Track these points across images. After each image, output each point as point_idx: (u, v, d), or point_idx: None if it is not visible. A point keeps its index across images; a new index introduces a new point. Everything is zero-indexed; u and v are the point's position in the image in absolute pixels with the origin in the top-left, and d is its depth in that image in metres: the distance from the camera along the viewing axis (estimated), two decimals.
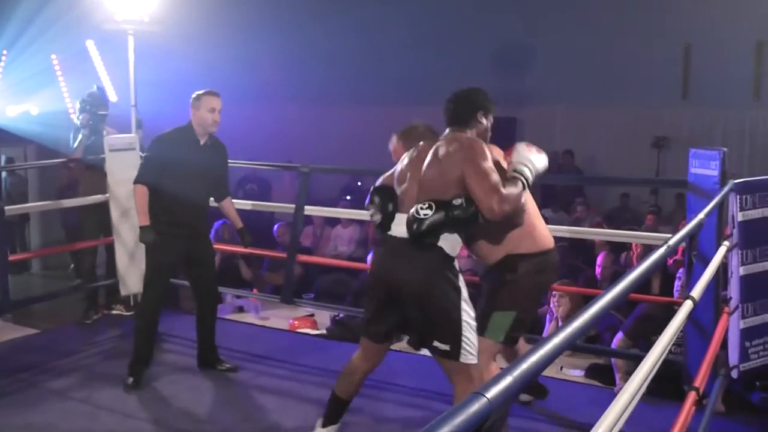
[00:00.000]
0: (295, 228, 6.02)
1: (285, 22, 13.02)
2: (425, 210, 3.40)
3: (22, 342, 6.07)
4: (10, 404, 4.75)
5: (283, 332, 6.18)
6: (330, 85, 13.56)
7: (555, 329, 5.84)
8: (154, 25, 6.68)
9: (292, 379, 5.18)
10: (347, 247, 9.64)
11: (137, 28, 6.58)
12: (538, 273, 3.77)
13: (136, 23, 6.55)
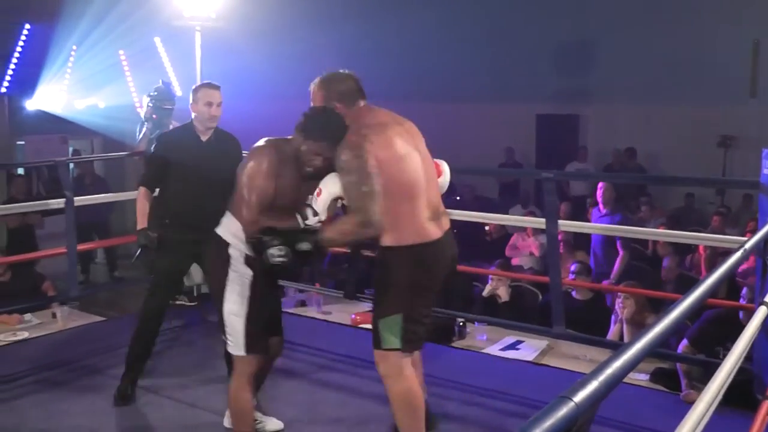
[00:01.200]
0: None
1: (350, 17, 13.04)
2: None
3: (88, 329, 6.19)
4: (76, 389, 4.86)
5: (344, 327, 6.19)
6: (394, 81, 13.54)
7: (620, 331, 5.80)
8: (220, 21, 6.76)
9: (354, 374, 5.19)
10: None
11: (204, 24, 6.67)
12: (406, 266, 3.50)
13: (203, 19, 6.64)
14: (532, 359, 5.48)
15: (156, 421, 4.55)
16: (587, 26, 13.13)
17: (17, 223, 9.99)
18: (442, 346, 5.72)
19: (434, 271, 3.58)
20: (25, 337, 6.02)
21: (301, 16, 12.65)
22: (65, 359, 4.84)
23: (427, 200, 3.55)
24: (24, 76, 12.25)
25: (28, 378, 4.99)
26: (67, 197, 5.92)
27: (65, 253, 6.07)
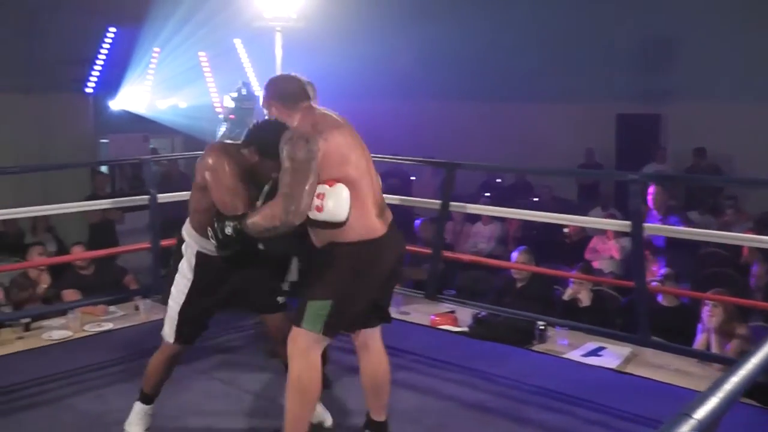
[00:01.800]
0: (440, 224, 6.01)
1: (428, 18, 13.01)
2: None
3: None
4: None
5: (424, 328, 6.17)
6: (474, 81, 13.50)
7: (706, 340, 5.64)
8: (301, 21, 6.80)
9: (432, 375, 5.17)
10: (487, 245, 9.59)
11: (284, 24, 6.71)
12: (353, 260, 3.61)
13: (283, 20, 6.69)
14: (615, 367, 5.34)
15: (233, 415, 4.59)
16: (671, 23, 12.84)
17: (98, 218, 10.20)
18: (521, 349, 5.68)
19: (377, 267, 3.68)
20: (110, 328, 6.19)
21: (381, 16, 12.67)
22: (148, 350, 4.88)
23: (373, 198, 3.67)
24: (109, 77, 12.58)
25: (113, 368, 5.09)
26: (151, 194, 6.02)
27: (149, 249, 6.18)
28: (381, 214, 3.70)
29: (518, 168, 10.06)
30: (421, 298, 6.16)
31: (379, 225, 3.66)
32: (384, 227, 3.68)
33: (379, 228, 3.66)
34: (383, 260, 3.69)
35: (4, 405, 4.72)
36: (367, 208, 3.63)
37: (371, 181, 3.70)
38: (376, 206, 3.68)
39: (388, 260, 3.72)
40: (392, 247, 3.73)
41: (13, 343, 5.89)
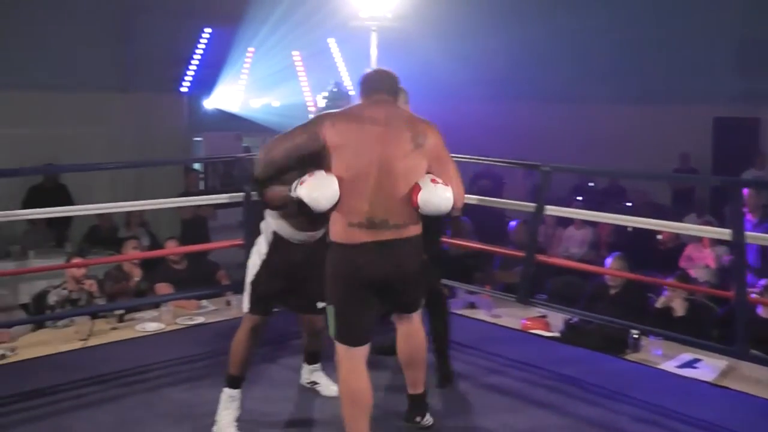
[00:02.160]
0: (534, 227, 5.93)
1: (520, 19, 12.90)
2: None
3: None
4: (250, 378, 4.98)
5: (515, 331, 6.10)
6: (568, 82, 13.33)
7: None
8: (396, 21, 6.80)
9: (524, 380, 5.11)
10: (579, 249, 9.45)
11: (380, 24, 6.72)
12: (332, 263, 3.75)
13: (379, 20, 6.69)
14: (711, 380, 5.16)
15: (326, 412, 4.60)
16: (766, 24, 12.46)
17: (191, 214, 10.38)
18: (615, 357, 5.56)
19: (356, 270, 3.67)
20: (201, 322, 6.31)
21: (474, 17, 12.60)
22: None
23: (364, 209, 3.63)
24: (203, 76, 12.82)
25: (204, 360, 5.17)
26: (245, 191, 6.09)
27: (241, 245, 6.26)
28: (370, 225, 3.64)
29: (614, 171, 9.88)
30: (512, 301, 6.08)
31: (359, 233, 3.64)
32: (369, 236, 3.64)
33: (357, 236, 3.64)
34: (358, 263, 3.67)
35: (101, 393, 4.85)
36: (351, 212, 3.64)
37: (370, 189, 3.64)
38: (363, 216, 3.63)
39: (370, 266, 3.67)
40: (376, 260, 3.67)
41: (107, 333, 6.05)
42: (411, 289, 3.93)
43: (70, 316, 6.35)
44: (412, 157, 3.69)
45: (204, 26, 12.78)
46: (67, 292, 6.60)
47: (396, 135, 3.68)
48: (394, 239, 3.66)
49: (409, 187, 3.68)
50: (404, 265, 3.75)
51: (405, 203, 3.69)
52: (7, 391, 4.78)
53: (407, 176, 3.69)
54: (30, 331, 6.19)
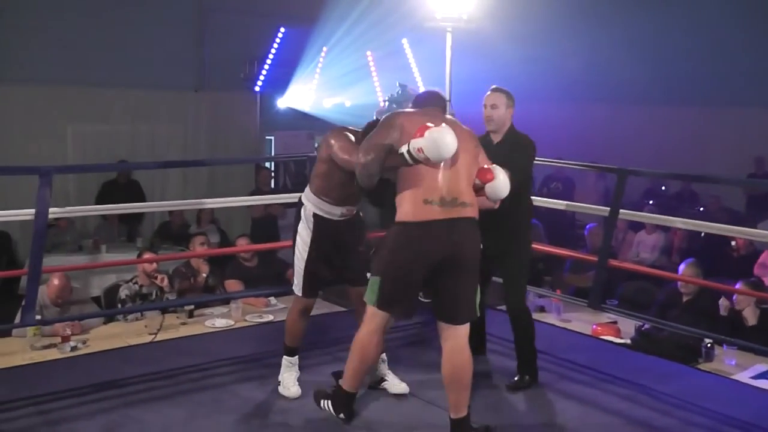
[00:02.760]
0: (608, 231, 5.84)
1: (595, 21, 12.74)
2: None
3: (330, 318, 6.35)
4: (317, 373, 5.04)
5: (585, 337, 6.02)
6: (638, 85, 13.11)
7: None
8: (471, 22, 6.76)
9: (595, 386, 5.02)
10: (650, 255, 9.30)
11: (455, 25, 6.70)
12: (396, 240, 3.97)
13: (454, 21, 6.67)
14: None
15: (393, 413, 4.59)
16: None
17: (261, 213, 10.47)
18: (687, 366, 5.46)
19: (420, 249, 3.91)
20: (270, 320, 6.38)
21: (550, 18, 12.48)
22: (307, 344, 5.00)
23: (437, 186, 3.89)
24: (277, 76, 12.94)
25: (273, 358, 5.16)
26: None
27: None
28: (444, 203, 3.90)
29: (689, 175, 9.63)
30: (583, 306, 6.00)
31: (430, 210, 3.88)
32: (441, 214, 3.88)
33: (430, 213, 3.88)
34: (424, 243, 3.90)
35: (171, 387, 4.91)
36: (421, 192, 3.89)
37: (443, 172, 3.90)
38: (438, 194, 3.89)
39: (433, 245, 3.90)
40: (441, 234, 3.89)
41: (177, 328, 6.15)
42: (465, 280, 4.02)
43: (142, 310, 6.47)
44: (473, 153, 4.10)
45: (279, 26, 12.89)
46: (138, 286, 6.72)
47: (460, 131, 3.98)
48: (461, 217, 3.92)
49: (472, 177, 4.05)
50: (464, 243, 3.95)
51: (470, 187, 4.03)
52: (79, 382, 4.88)
53: (471, 168, 4.05)
54: (101, 323, 6.32)
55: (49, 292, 6.27)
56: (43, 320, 5.78)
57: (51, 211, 5.11)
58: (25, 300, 5.21)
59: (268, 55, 12.84)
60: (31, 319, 5.22)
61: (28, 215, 5.09)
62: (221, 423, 4.42)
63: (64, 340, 5.66)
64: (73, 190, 11.58)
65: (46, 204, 4.94)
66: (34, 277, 5.08)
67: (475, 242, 4.01)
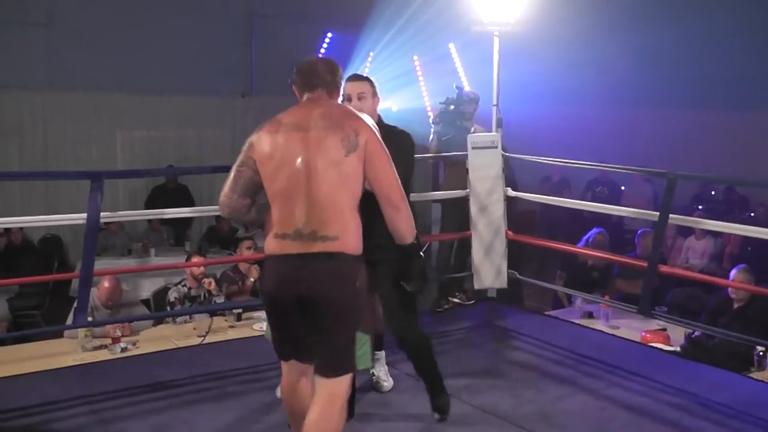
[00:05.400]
0: (658, 237, 5.76)
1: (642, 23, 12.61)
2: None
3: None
4: None
5: (633, 344, 5.94)
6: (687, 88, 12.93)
7: None
8: (518, 26, 6.73)
9: (645, 395, 4.94)
10: (699, 261, 9.18)
11: (502, 29, 6.67)
12: (261, 278, 3.61)
13: (502, 25, 6.65)
14: None
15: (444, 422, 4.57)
16: None
17: None
18: (738, 375, 5.36)
19: (273, 288, 3.38)
20: None
21: (596, 21, 12.37)
22: None
23: (294, 217, 3.28)
24: None
25: None
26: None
27: None
28: (300, 234, 3.27)
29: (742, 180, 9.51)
30: (632, 312, 5.93)
31: (279, 244, 3.32)
32: (288, 248, 3.29)
33: (278, 246, 3.33)
34: (276, 280, 3.36)
35: (220, 389, 4.95)
36: (278, 224, 3.33)
37: (297, 197, 3.28)
38: (294, 225, 3.27)
39: (283, 282, 3.32)
40: (292, 272, 3.29)
41: (225, 331, 6.21)
42: (329, 326, 3.30)
43: (191, 312, 6.53)
44: (347, 163, 3.29)
45: (326, 31, 12.95)
46: (187, 289, 6.79)
47: (322, 139, 3.30)
48: (319, 252, 3.26)
49: (350, 196, 3.31)
50: (319, 283, 3.27)
51: (341, 213, 3.29)
52: (129, 383, 4.93)
53: (344, 184, 3.29)
54: (151, 326, 6.39)
55: (99, 295, 6.35)
56: (95, 322, 5.86)
57: (102, 215, 5.18)
58: (76, 302, 5.29)
59: None
60: (82, 320, 5.29)
61: (79, 219, 5.16)
62: (269, 426, 4.44)
63: (115, 342, 5.74)
64: (122, 195, 11.76)
65: (97, 208, 5.00)
66: (85, 279, 5.15)
67: (337, 281, 3.27)
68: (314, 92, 3.50)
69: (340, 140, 3.29)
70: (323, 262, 3.26)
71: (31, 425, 4.43)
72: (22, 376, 5.08)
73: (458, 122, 6.91)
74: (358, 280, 3.33)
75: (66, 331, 5.97)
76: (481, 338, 6.07)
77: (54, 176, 10.56)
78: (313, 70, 3.54)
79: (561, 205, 7.51)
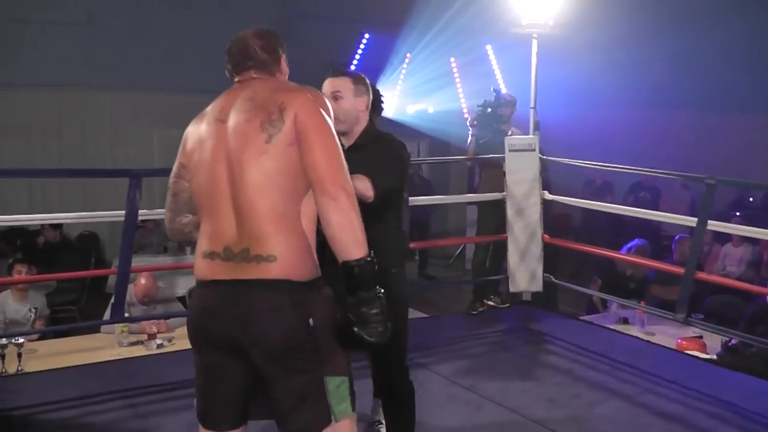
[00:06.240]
0: (695, 242, 5.71)
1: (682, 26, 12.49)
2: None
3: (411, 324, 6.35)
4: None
5: (669, 351, 5.88)
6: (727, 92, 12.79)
7: None
8: (557, 28, 6.71)
9: (680, 402, 4.89)
10: (737, 268, 9.07)
11: (541, 31, 6.66)
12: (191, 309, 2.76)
13: (540, 27, 6.63)
14: None
15: (476, 420, 4.57)
16: None
17: None
18: None
19: (197, 325, 2.60)
20: None
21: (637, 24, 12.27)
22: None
23: (221, 230, 2.52)
24: None
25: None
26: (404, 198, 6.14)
27: None
28: (229, 253, 2.50)
29: None
30: (667, 319, 5.87)
31: (210, 266, 2.55)
32: (224, 271, 2.50)
33: (211, 269, 2.54)
34: (202, 315, 2.59)
35: None
36: (204, 240, 2.58)
37: (228, 205, 2.51)
38: (222, 240, 2.51)
39: (210, 318, 2.54)
40: (222, 305, 2.50)
41: None
42: (278, 376, 2.48)
43: None
44: (271, 153, 2.47)
45: (363, 32, 12.98)
46: None
47: (240, 128, 2.54)
48: (255, 279, 2.46)
49: (286, 197, 2.49)
50: (257, 320, 2.46)
51: (279, 223, 2.48)
52: (166, 379, 4.98)
53: (272, 181, 2.48)
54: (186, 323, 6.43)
55: (136, 291, 6.42)
56: (131, 317, 5.91)
57: (139, 213, 5.22)
58: (113, 298, 5.35)
59: (352, 61, 12.92)
60: (119, 316, 5.35)
61: (118, 216, 5.22)
62: None
63: (151, 338, 5.80)
64: (159, 193, 11.84)
65: (135, 206, 5.05)
66: (123, 276, 5.21)
67: (277, 319, 2.44)
68: (247, 73, 2.76)
69: (260, 124, 2.50)
70: (259, 292, 2.45)
71: (69, 418, 4.49)
72: (60, 370, 5.15)
73: (495, 125, 6.90)
74: (311, 316, 2.47)
75: (103, 327, 6.03)
76: (515, 341, 6.06)
77: (93, 174, 10.65)
78: (243, 49, 2.80)
79: (598, 209, 7.48)
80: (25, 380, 4.94)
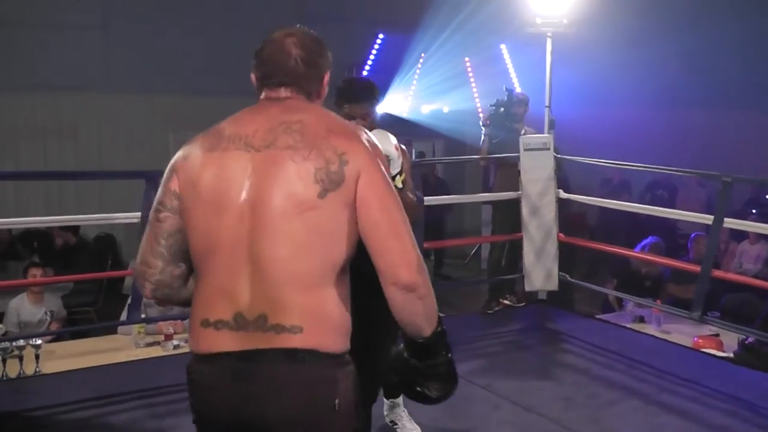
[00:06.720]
0: (712, 240, 5.69)
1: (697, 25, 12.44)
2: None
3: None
4: None
5: (685, 349, 5.86)
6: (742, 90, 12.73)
7: None
8: (571, 27, 6.70)
9: (696, 401, 4.90)
10: (753, 266, 9.03)
11: (555, 30, 6.65)
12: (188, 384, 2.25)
13: (555, 26, 6.63)
14: None
15: (492, 419, 4.58)
16: None
17: None
18: None
19: (198, 410, 2.22)
20: None
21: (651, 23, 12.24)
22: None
23: (230, 293, 2.04)
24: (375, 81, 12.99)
25: None
26: (417, 197, 6.14)
27: None
28: (240, 321, 2.03)
29: None
30: (683, 317, 5.86)
31: (213, 337, 2.07)
32: (231, 342, 2.04)
33: (215, 341, 2.07)
34: (201, 393, 2.18)
35: None
36: (207, 303, 2.08)
37: (246, 262, 2.02)
38: (232, 306, 2.04)
39: (212, 398, 2.14)
40: (226, 382, 2.08)
41: None
42: None
43: None
44: (323, 208, 2.01)
45: (378, 32, 13.00)
46: None
47: (282, 164, 2.03)
48: (271, 349, 2.01)
49: (325, 264, 2.03)
50: (270, 400, 2.03)
51: (309, 291, 2.02)
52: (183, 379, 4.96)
53: (315, 243, 2.02)
54: None
55: None
56: (148, 318, 5.94)
57: None
58: (130, 298, 5.37)
59: (366, 61, 12.95)
60: (136, 316, 5.37)
61: (134, 218, 5.25)
62: None
63: (167, 339, 5.81)
64: None
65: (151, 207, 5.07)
66: None
67: (303, 396, 2.03)
68: (278, 90, 2.23)
69: (314, 169, 2.02)
70: (280, 365, 2.02)
71: (86, 419, 4.53)
72: (78, 370, 5.17)
73: (508, 124, 6.91)
74: (337, 396, 2.05)
75: (120, 328, 6.05)
76: (531, 340, 6.07)
77: (109, 176, 10.71)
78: (278, 58, 2.27)
79: (614, 207, 7.48)
80: (43, 381, 4.97)
